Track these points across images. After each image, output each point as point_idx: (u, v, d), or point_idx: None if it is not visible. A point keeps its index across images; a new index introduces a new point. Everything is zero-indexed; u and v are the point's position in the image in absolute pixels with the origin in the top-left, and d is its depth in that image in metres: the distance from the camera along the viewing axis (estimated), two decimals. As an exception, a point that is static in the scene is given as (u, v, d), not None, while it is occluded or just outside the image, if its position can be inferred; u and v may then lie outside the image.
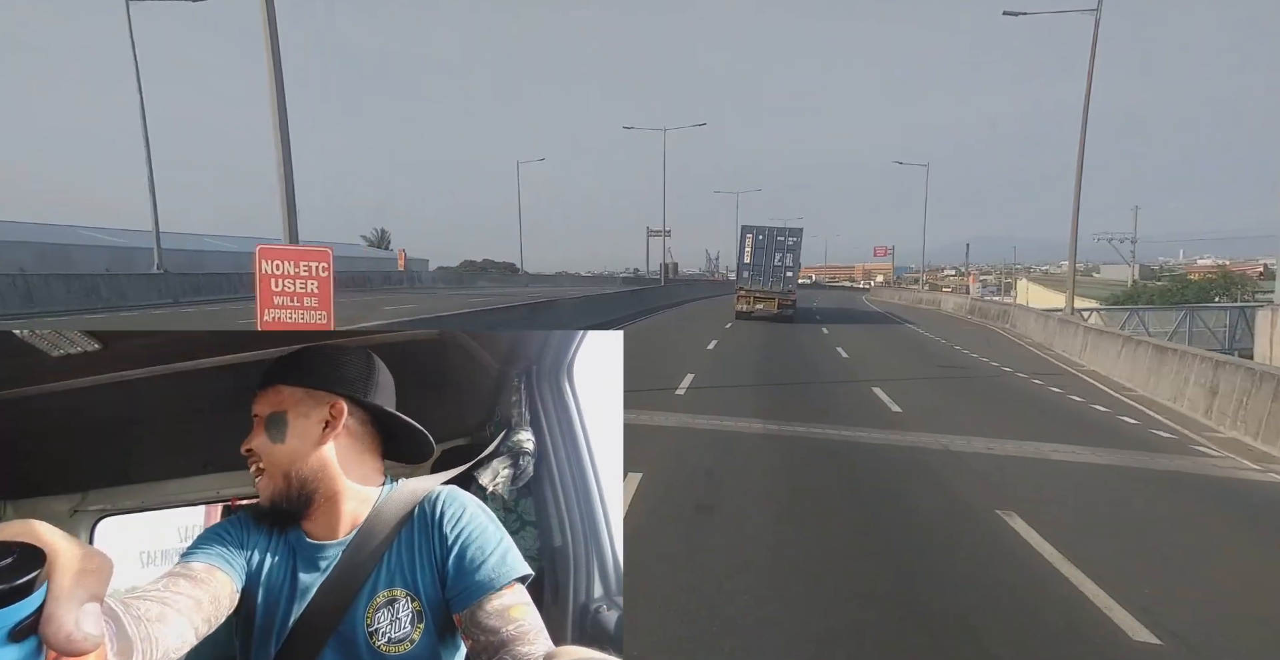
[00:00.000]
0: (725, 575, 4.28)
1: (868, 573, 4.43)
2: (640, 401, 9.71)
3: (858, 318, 30.70)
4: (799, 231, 24.87)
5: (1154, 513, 6.08)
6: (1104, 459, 7.89)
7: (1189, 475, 7.45)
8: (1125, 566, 4.74)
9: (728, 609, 3.86)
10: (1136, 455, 8.15)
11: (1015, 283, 65.74)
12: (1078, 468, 7.50)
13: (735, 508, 5.64)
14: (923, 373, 14.70)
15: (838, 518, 5.50)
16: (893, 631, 3.70)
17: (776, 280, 24.46)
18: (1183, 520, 5.94)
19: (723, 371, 13.40)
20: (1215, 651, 3.68)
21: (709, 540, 4.89)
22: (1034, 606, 4.05)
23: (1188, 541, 5.38)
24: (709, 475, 6.56)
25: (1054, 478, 7.06)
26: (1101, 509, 6.12)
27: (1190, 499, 6.59)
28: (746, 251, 24.64)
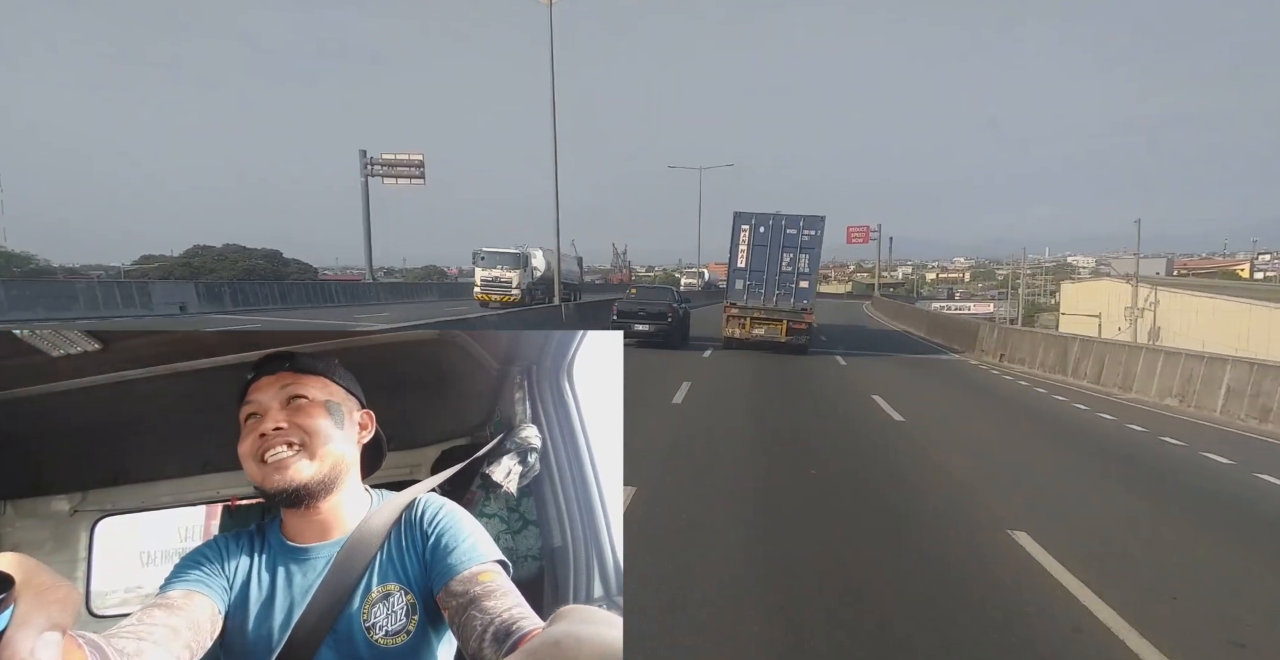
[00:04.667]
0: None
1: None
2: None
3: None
4: (819, 221, 17.07)
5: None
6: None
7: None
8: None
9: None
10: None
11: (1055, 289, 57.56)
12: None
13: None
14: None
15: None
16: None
17: (785, 293, 16.85)
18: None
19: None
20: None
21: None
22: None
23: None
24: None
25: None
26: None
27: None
28: (741, 250, 17.15)
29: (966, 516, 5.80)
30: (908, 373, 16.27)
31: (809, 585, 4.26)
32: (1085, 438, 10.07)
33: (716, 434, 8.28)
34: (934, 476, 7.03)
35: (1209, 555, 5.34)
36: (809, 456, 7.60)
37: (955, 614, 3.96)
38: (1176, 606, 4.28)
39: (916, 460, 7.68)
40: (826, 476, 6.76)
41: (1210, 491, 7.29)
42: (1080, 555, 4.90)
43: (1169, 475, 7.95)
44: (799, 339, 16.96)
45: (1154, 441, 9.84)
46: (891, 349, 21.88)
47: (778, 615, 3.83)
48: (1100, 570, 4.66)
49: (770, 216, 17.20)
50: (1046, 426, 10.82)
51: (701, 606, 3.88)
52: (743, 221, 17.31)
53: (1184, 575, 4.85)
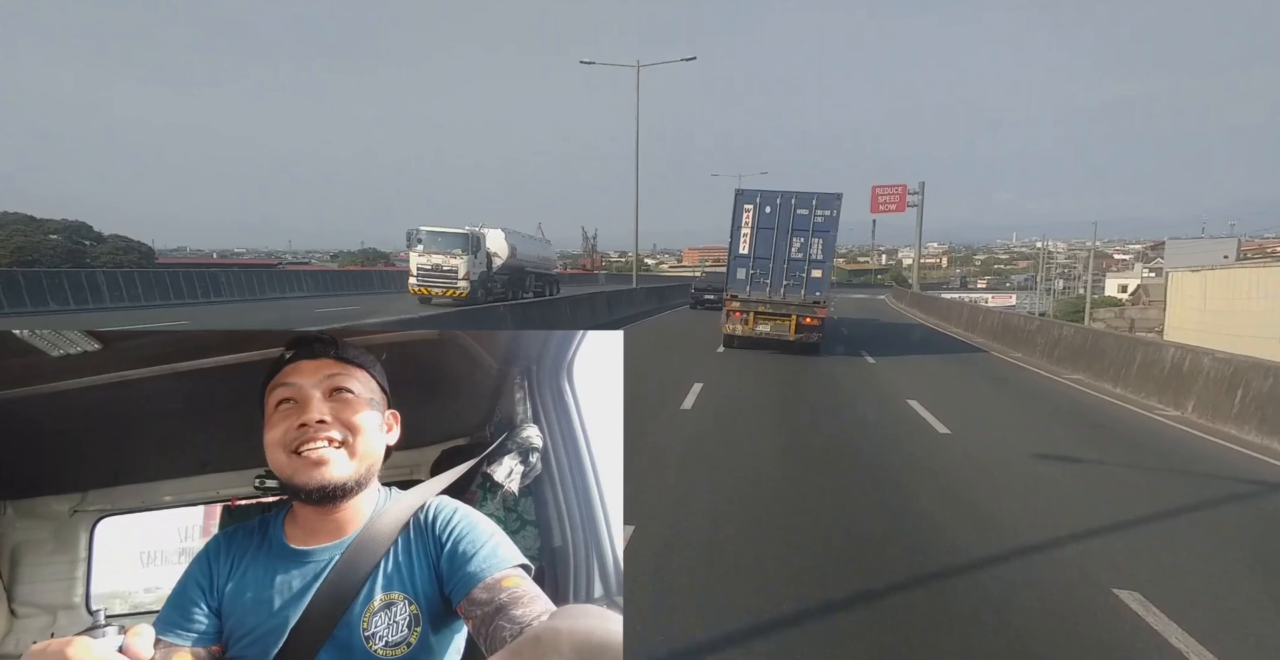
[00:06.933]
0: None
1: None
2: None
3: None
4: (834, 200, 14.73)
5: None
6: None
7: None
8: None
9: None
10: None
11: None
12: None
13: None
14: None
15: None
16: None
17: (794, 284, 14.67)
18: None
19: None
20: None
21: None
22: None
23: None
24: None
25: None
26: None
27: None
28: (743, 234, 14.94)
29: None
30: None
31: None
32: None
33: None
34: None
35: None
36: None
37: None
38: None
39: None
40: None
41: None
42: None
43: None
44: (810, 337, 14.70)
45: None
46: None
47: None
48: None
49: (778, 194, 14.85)
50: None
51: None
52: (745, 201, 14.89)
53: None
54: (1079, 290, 61.88)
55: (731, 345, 15.25)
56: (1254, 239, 66.41)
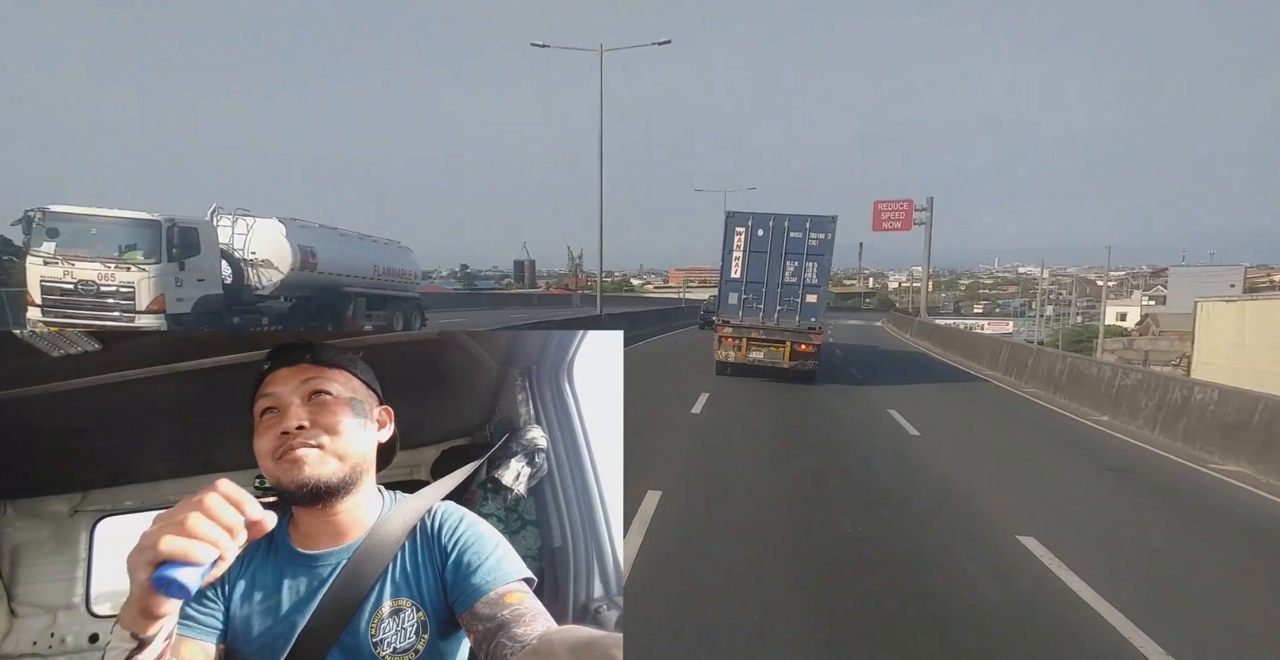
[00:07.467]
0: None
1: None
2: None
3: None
4: (829, 222, 14.45)
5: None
6: None
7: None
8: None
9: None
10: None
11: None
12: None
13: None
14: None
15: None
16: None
17: (788, 309, 14.32)
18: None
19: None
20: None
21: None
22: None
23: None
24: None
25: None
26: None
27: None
28: (735, 258, 14.67)
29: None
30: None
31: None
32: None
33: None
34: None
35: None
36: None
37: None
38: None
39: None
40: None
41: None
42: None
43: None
44: (806, 364, 14.35)
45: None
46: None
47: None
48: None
49: (770, 217, 14.66)
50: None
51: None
52: (737, 223, 14.69)
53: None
54: (1075, 317, 61.82)
55: (725, 372, 14.72)
56: (1262, 267, 62.84)
